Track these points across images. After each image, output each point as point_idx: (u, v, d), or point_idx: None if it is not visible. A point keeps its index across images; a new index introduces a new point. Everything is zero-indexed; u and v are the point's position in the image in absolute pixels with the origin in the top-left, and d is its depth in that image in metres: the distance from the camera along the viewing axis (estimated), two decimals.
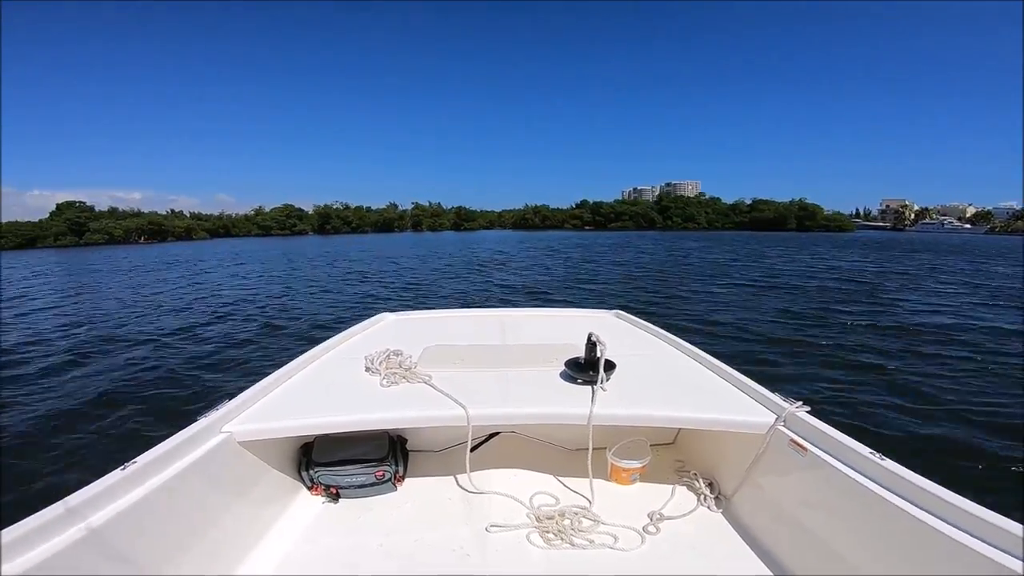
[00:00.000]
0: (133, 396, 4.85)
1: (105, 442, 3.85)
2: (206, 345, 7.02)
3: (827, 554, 1.13)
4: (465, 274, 17.21)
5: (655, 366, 1.84)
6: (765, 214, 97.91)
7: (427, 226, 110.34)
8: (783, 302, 10.14)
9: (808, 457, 1.24)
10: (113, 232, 74.46)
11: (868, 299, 10.68)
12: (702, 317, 8.52)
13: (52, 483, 3.19)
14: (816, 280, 14.24)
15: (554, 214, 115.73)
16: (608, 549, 1.31)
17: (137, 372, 5.69)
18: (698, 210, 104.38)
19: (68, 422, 4.24)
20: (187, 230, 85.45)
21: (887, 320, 8.17)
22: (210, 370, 5.76)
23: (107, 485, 1.00)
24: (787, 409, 1.36)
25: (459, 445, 1.70)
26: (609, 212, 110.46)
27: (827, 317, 8.46)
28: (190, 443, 1.23)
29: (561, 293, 12.08)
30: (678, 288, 12.62)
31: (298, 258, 27.57)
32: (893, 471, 1.05)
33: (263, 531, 1.36)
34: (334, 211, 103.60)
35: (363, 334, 2.37)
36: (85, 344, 7.25)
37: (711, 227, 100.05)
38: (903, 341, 6.73)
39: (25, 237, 73.75)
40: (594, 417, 1.38)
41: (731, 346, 6.44)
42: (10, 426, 4.17)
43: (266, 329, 8.10)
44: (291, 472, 1.59)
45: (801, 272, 16.70)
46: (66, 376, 5.67)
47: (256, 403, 1.50)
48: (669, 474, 1.70)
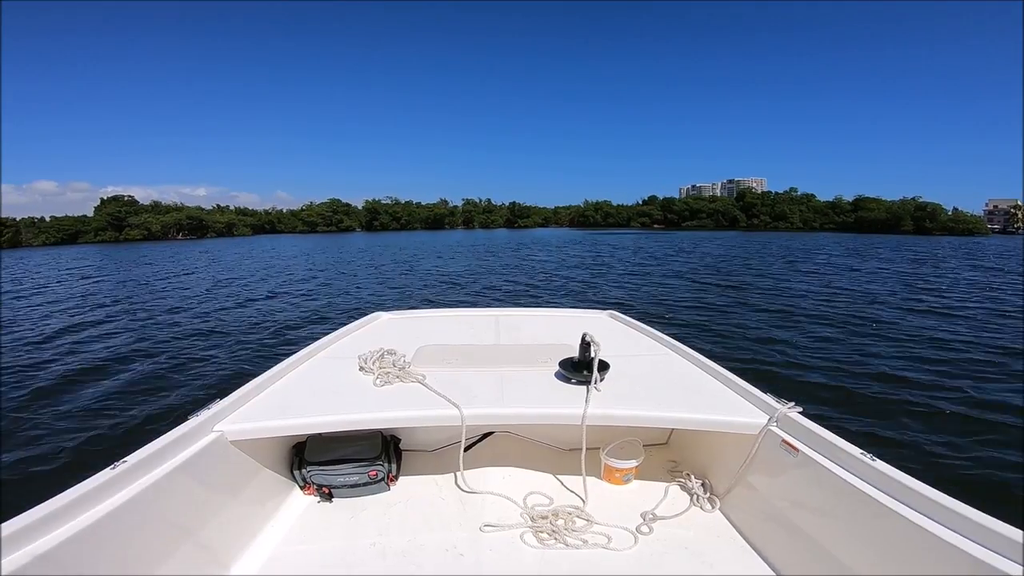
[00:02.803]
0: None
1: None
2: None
3: (819, 554, 1.13)
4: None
5: (649, 367, 1.81)
6: (874, 214, 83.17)
7: (479, 223, 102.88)
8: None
9: (800, 457, 1.24)
10: (151, 227, 69.77)
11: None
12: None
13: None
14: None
15: (618, 211, 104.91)
16: (602, 549, 1.31)
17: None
18: (791, 207, 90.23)
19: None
20: (228, 226, 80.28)
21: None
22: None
23: (97, 484, 0.99)
24: (779, 410, 1.36)
25: (453, 445, 1.71)
26: (683, 209, 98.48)
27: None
28: (181, 442, 1.21)
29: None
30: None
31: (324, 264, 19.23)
32: (884, 472, 1.05)
33: (255, 531, 1.35)
34: (383, 206, 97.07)
35: (357, 333, 2.33)
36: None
37: (807, 227, 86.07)
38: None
39: (67, 232, 70.54)
40: (588, 417, 1.38)
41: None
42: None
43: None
44: (283, 471, 1.56)
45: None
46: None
47: (248, 402, 1.48)
48: (662, 474, 1.69)
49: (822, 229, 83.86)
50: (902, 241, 44.64)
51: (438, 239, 49.40)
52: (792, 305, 9.33)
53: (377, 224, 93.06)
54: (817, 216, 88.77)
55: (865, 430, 3.70)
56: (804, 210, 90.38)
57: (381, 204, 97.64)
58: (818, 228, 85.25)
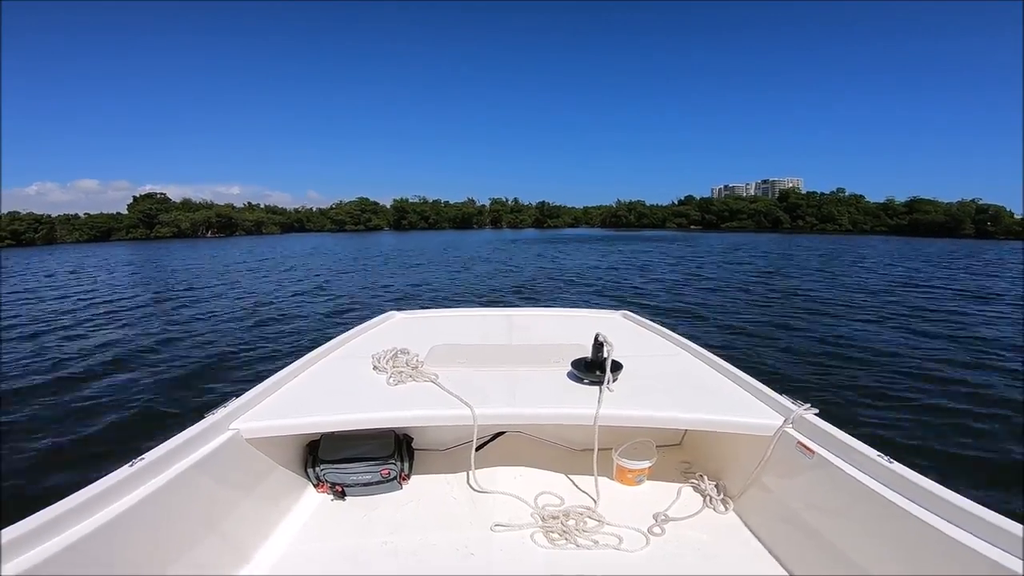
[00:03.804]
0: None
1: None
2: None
3: (834, 556, 1.12)
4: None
5: (662, 367, 1.80)
6: (930, 216, 77.71)
7: (507, 223, 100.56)
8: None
9: (815, 459, 1.23)
10: (180, 225, 69.16)
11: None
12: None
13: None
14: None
15: (652, 211, 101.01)
16: (613, 550, 1.31)
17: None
18: (838, 209, 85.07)
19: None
20: (257, 224, 79.49)
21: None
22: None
23: (115, 481, 1.00)
24: (795, 411, 1.35)
25: (465, 444, 1.70)
26: (722, 210, 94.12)
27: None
28: (198, 440, 1.23)
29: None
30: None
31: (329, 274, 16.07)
32: (900, 473, 1.04)
33: (270, 528, 1.37)
34: (411, 205, 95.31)
35: (370, 332, 2.34)
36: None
37: (856, 230, 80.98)
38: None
39: (100, 229, 70.49)
40: (600, 418, 1.38)
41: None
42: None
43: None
44: (297, 469, 1.57)
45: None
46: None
47: (263, 400, 1.49)
48: (675, 475, 1.68)
49: (873, 232, 78.57)
50: (975, 247, 39.94)
51: (468, 238, 47.22)
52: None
53: (405, 223, 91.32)
54: (868, 218, 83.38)
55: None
56: (853, 211, 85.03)
57: (409, 203, 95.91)
58: (869, 231, 79.98)
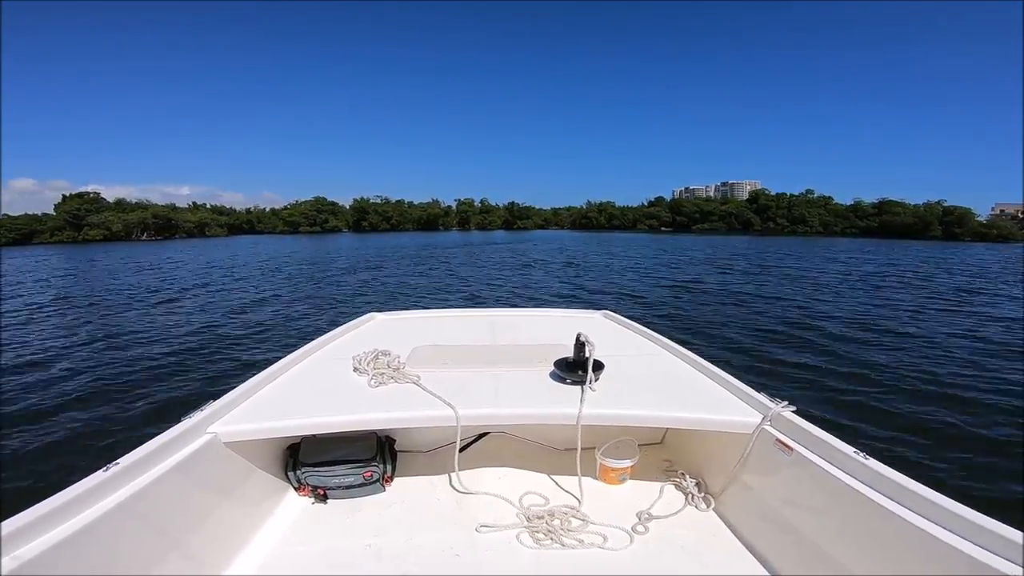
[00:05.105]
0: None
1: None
2: None
3: (813, 552, 1.14)
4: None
5: (643, 366, 1.81)
6: (900, 218, 77.03)
7: (475, 224, 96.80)
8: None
9: (794, 456, 1.25)
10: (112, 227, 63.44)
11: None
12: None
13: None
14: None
15: (623, 212, 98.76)
16: (597, 549, 1.32)
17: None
18: (808, 210, 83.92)
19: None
20: (200, 226, 73.98)
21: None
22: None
23: (89, 486, 0.98)
24: (773, 409, 1.36)
25: (448, 445, 1.70)
26: (693, 211, 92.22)
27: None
28: (174, 444, 1.21)
29: None
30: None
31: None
32: (877, 470, 1.06)
33: (250, 532, 1.35)
34: (372, 206, 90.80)
35: (351, 334, 2.32)
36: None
37: (827, 232, 79.84)
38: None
39: (20, 232, 64.13)
40: (583, 417, 1.39)
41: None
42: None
43: None
44: (278, 473, 1.56)
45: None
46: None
47: (242, 403, 1.47)
48: (657, 473, 1.69)
49: (843, 234, 77.40)
50: (945, 249, 38.76)
51: (436, 240, 43.72)
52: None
53: (366, 224, 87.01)
54: (838, 220, 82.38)
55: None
56: (823, 213, 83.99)
57: (370, 203, 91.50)
58: (839, 233, 78.84)
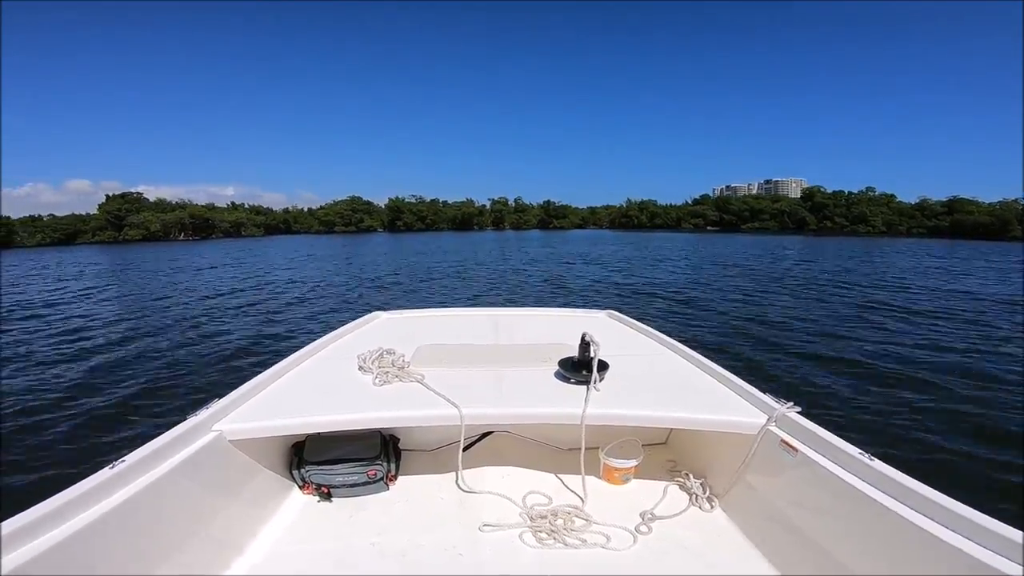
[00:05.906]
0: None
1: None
2: None
3: (818, 553, 1.13)
4: None
5: (648, 366, 1.81)
6: (973, 217, 70.62)
7: (510, 223, 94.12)
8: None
9: (799, 457, 1.24)
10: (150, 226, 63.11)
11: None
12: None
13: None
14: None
15: (666, 211, 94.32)
16: (600, 549, 1.31)
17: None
18: (871, 209, 78.05)
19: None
20: (236, 225, 73.41)
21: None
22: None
23: (95, 484, 0.98)
24: (778, 410, 1.36)
25: (452, 444, 1.70)
26: (742, 209, 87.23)
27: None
28: (180, 442, 1.21)
29: None
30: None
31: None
32: (882, 471, 1.06)
33: (254, 530, 1.35)
34: (407, 205, 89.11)
35: (356, 332, 2.32)
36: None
37: (891, 232, 73.93)
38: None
39: (65, 232, 64.47)
40: (587, 417, 1.38)
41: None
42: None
43: None
44: (282, 471, 1.56)
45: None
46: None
47: (247, 401, 1.48)
48: (661, 474, 1.68)
49: (909, 234, 71.43)
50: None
51: (471, 240, 40.80)
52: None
53: (400, 224, 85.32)
54: (903, 219, 76.23)
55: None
56: (886, 212, 78.03)
57: (405, 203, 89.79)
58: (904, 233, 72.82)
